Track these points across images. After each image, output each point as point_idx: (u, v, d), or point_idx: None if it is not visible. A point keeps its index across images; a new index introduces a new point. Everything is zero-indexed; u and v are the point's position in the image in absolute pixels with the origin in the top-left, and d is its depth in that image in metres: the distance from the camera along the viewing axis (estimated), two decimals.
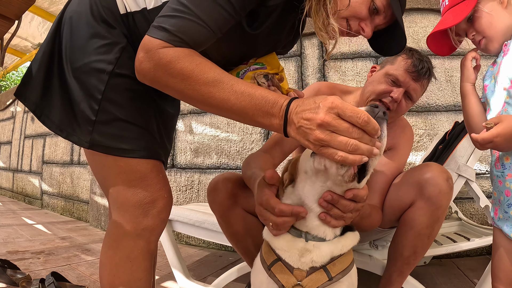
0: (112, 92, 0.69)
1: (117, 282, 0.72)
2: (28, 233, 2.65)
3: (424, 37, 2.28)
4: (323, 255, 0.71)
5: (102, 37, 0.70)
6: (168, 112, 0.87)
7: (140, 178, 0.72)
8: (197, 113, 2.68)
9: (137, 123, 0.72)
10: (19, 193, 4.84)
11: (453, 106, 2.17)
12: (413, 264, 1.04)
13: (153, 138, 0.76)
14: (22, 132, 4.86)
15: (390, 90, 1.09)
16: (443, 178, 0.95)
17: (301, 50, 2.47)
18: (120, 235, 0.73)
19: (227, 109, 0.59)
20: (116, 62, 0.69)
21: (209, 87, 0.58)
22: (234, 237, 1.13)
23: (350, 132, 0.52)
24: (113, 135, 0.70)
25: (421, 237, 0.98)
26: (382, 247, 1.23)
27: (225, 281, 1.38)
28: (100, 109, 0.68)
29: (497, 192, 0.83)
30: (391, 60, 1.14)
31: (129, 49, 0.72)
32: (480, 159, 2.06)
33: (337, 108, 0.52)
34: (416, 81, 1.10)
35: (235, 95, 0.58)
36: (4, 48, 1.85)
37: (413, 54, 1.12)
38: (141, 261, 0.73)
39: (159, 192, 0.74)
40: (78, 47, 0.70)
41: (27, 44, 5.72)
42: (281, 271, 0.72)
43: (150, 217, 0.72)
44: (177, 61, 0.58)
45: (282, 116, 0.57)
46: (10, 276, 1.48)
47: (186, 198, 2.58)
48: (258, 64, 0.83)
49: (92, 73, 0.69)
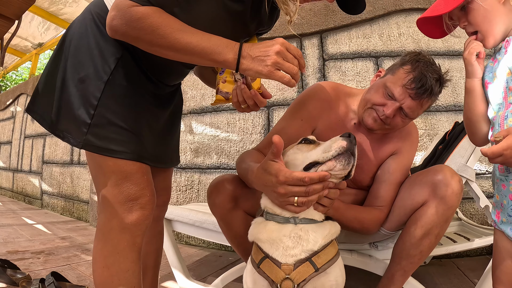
0: (107, 98, 0.78)
1: (106, 274, 0.79)
2: (28, 233, 2.65)
3: (424, 37, 2.28)
4: (315, 236, 0.77)
5: (100, 50, 0.79)
6: (166, 119, 0.96)
7: (126, 177, 0.80)
8: (197, 113, 2.68)
9: (127, 128, 0.80)
10: (19, 193, 4.84)
11: (453, 106, 2.17)
12: (417, 264, 1.05)
13: (141, 143, 0.83)
14: (22, 132, 4.86)
15: (384, 103, 1.02)
16: (456, 180, 0.97)
17: (301, 50, 2.47)
18: (107, 229, 0.80)
19: (189, 50, 0.70)
20: (111, 72, 0.78)
21: (175, 35, 0.69)
22: (235, 239, 1.12)
23: (293, 60, 0.72)
24: (105, 137, 0.78)
25: (429, 236, 0.99)
26: (382, 247, 1.23)
27: (225, 281, 1.38)
28: (95, 114, 0.77)
29: (499, 195, 0.81)
30: (394, 70, 1.06)
31: (125, 58, 0.81)
32: (480, 159, 2.06)
33: (286, 44, 0.72)
34: (413, 99, 1.00)
35: (196, 38, 0.70)
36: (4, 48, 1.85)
37: (418, 67, 1.01)
38: (127, 253, 0.80)
39: (143, 191, 0.81)
40: (81, 62, 0.80)
41: (27, 44, 5.72)
42: (269, 267, 0.76)
43: (134, 213, 0.80)
44: (147, 17, 0.68)
45: (236, 51, 0.71)
46: (10, 276, 1.48)
47: (186, 198, 2.58)
48: None
49: (91, 82, 0.78)
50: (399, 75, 1.03)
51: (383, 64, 2.28)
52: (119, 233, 0.79)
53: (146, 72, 0.87)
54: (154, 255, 1.11)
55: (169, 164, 1.05)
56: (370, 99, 1.06)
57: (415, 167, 1.75)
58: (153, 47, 0.72)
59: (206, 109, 2.66)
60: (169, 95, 1.00)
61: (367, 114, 1.06)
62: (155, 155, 0.91)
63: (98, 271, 0.80)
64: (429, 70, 1.01)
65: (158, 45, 0.71)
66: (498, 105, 0.80)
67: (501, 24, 0.82)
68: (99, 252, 0.80)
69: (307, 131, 1.11)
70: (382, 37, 2.34)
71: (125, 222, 0.79)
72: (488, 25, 0.81)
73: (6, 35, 1.84)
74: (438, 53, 2.26)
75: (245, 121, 2.50)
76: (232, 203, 1.03)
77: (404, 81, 1.00)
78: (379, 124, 1.05)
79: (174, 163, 1.08)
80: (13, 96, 5.24)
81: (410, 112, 1.03)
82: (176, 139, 1.10)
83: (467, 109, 0.87)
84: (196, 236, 2.01)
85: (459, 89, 2.19)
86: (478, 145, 0.92)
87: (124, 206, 0.79)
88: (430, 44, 2.28)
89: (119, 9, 0.69)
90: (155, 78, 0.90)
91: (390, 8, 2.35)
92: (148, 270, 1.10)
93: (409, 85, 0.99)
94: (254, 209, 1.02)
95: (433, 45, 2.27)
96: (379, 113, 1.03)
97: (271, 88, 2.47)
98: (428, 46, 2.27)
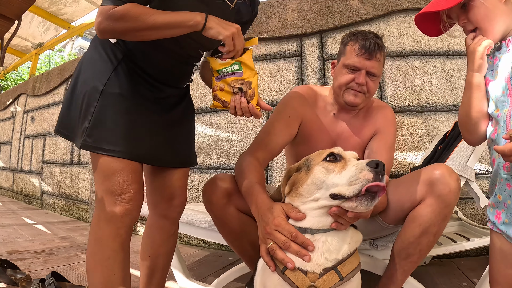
0: (103, 106, 0.90)
1: (91, 261, 0.89)
2: (28, 233, 2.65)
3: (424, 37, 2.28)
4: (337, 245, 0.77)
5: (101, 65, 0.95)
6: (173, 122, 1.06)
7: (113, 173, 0.89)
8: (197, 113, 2.68)
9: (119, 130, 0.90)
10: (19, 193, 4.84)
11: (453, 106, 2.17)
12: (416, 263, 1.05)
13: (134, 143, 0.92)
14: (22, 132, 4.87)
15: (353, 78, 1.18)
16: (453, 178, 0.97)
17: (301, 50, 2.47)
18: (96, 221, 0.90)
19: (167, 25, 0.84)
20: (106, 82, 0.92)
21: (153, 18, 0.83)
22: (230, 236, 1.16)
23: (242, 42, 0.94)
24: (99, 138, 0.89)
25: (428, 235, 0.99)
26: (382, 247, 1.23)
27: (225, 281, 1.38)
28: (92, 119, 0.90)
29: (502, 195, 0.78)
30: (343, 52, 1.22)
31: (120, 67, 0.94)
32: (480, 159, 2.06)
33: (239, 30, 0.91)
34: (370, 60, 1.16)
35: (170, 15, 0.85)
36: (4, 48, 1.85)
37: (357, 37, 1.19)
38: (110, 242, 0.88)
39: (127, 188, 0.90)
40: (90, 77, 0.95)
41: (27, 44, 5.72)
42: (295, 274, 0.77)
43: (118, 206, 0.88)
44: (127, 12, 0.82)
45: (204, 15, 0.86)
46: (10, 276, 1.48)
47: (186, 198, 2.58)
48: (236, 64, 0.95)
49: (92, 92, 0.92)
50: (349, 51, 1.20)
51: None
52: (105, 225, 0.88)
53: (147, 79, 0.98)
54: (165, 257, 1.13)
55: (178, 164, 1.09)
56: (341, 83, 1.20)
57: (415, 166, 1.75)
58: (138, 32, 0.85)
59: (206, 109, 2.66)
60: (176, 99, 1.08)
61: (346, 95, 1.20)
62: (154, 155, 0.99)
63: (87, 259, 0.90)
64: (365, 34, 1.19)
65: (142, 29, 0.84)
66: (501, 102, 0.78)
67: (501, 23, 0.81)
68: (89, 241, 0.91)
69: (295, 125, 1.25)
70: (382, 37, 2.33)
71: (110, 215, 0.88)
72: (488, 24, 0.81)
73: (6, 35, 1.84)
74: (438, 53, 2.26)
75: (245, 121, 2.50)
76: (226, 199, 1.09)
77: (355, 52, 1.17)
78: (360, 96, 1.20)
79: (185, 164, 1.12)
80: (13, 96, 5.24)
81: (375, 70, 1.18)
82: (188, 141, 1.14)
83: (469, 105, 0.84)
84: (196, 236, 2.01)
85: (459, 89, 2.19)
86: (473, 144, 0.90)
87: (110, 200, 0.88)
88: (430, 44, 2.28)
89: (103, 14, 0.83)
90: (160, 81, 1.01)
91: (390, 8, 2.35)
92: (157, 272, 1.11)
93: (360, 51, 1.16)
94: (246, 206, 1.09)
95: (433, 45, 2.27)
96: (354, 88, 1.18)
97: (271, 88, 2.47)
98: (428, 46, 2.28)
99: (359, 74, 1.17)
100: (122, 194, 0.89)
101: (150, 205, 1.13)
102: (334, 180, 0.77)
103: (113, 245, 0.88)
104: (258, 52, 2.58)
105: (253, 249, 1.18)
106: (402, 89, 2.23)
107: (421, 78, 2.23)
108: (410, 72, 2.25)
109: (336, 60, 1.28)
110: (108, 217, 0.88)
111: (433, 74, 2.23)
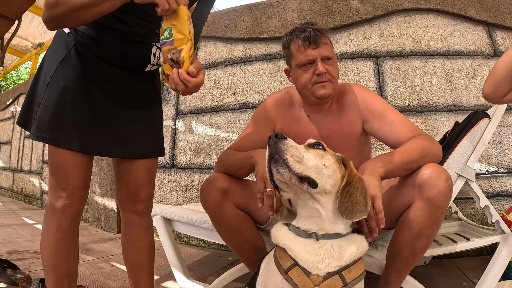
0: (49, 97, 0.93)
1: (42, 243, 0.98)
2: (28, 233, 2.65)
3: (424, 37, 2.28)
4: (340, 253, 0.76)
5: (51, 57, 0.97)
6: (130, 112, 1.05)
7: (62, 166, 0.93)
8: (197, 113, 2.68)
9: (60, 120, 0.92)
10: (19, 193, 4.84)
11: (453, 106, 2.17)
12: (411, 265, 1.04)
13: (72, 132, 0.93)
14: (22, 132, 4.87)
15: (312, 72, 1.17)
16: (442, 179, 0.93)
17: None
18: (46, 211, 0.97)
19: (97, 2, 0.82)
20: (53, 74, 0.94)
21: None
22: (227, 233, 1.17)
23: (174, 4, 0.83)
24: (40, 127, 0.92)
25: (420, 238, 0.97)
26: (382, 247, 1.23)
27: (225, 281, 1.38)
28: (39, 110, 0.93)
29: None
30: (291, 55, 1.22)
31: (70, 56, 0.96)
32: (480, 159, 2.06)
33: None
34: (318, 47, 1.16)
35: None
36: (4, 48, 1.86)
37: (295, 35, 1.19)
38: (54, 232, 0.94)
39: (73, 182, 0.94)
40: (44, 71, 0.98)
41: (27, 44, 5.72)
42: (299, 275, 0.76)
43: (59, 201, 0.93)
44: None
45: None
46: (10, 276, 1.48)
47: (186, 198, 2.58)
48: (167, 31, 0.86)
49: (42, 85, 0.96)
50: (294, 50, 1.19)
51: (383, 64, 2.28)
52: (51, 216, 0.95)
53: (102, 65, 0.99)
54: (146, 250, 1.12)
55: (129, 155, 1.05)
56: (303, 83, 1.19)
57: None
58: (73, 14, 0.85)
59: (206, 109, 2.66)
60: (135, 86, 1.06)
61: (314, 90, 1.18)
62: (99, 145, 0.99)
63: (40, 242, 0.99)
64: (300, 28, 1.20)
65: (74, 10, 0.84)
66: None
67: None
68: (42, 226, 0.99)
69: (266, 131, 1.28)
70: (382, 37, 2.34)
71: (54, 208, 0.94)
72: None
73: (6, 35, 1.84)
74: (438, 53, 2.26)
75: (245, 121, 2.50)
76: (222, 197, 1.12)
77: (300, 48, 1.17)
78: (327, 86, 1.18)
79: (140, 155, 1.07)
80: (13, 96, 5.24)
81: (328, 53, 1.18)
82: (148, 130, 1.09)
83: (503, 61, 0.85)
84: (196, 236, 2.01)
85: (459, 89, 2.19)
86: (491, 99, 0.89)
87: (53, 194, 0.95)
88: (430, 44, 2.28)
89: (44, 6, 0.86)
90: (118, 65, 1.01)
91: (390, 8, 2.35)
92: (143, 266, 1.11)
93: (305, 44, 1.16)
94: (242, 201, 1.15)
95: (433, 45, 2.27)
96: (318, 79, 1.17)
97: (271, 88, 2.47)
98: (428, 46, 2.28)
99: (316, 65, 1.16)
100: (66, 189, 0.93)
101: (118, 202, 1.11)
102: None
103: (56, 235, 0.95)
104: (258, 52, 2.58)
105: (251, 247, 1.18)
106: (402, 89, 2.23)
107: (421, 78, 2.23)
108: (410, 72, 2.25)
109: (288, 66, 1.28)
110: (53, 210, 0.94)
111: (433, 74, 2.23)
